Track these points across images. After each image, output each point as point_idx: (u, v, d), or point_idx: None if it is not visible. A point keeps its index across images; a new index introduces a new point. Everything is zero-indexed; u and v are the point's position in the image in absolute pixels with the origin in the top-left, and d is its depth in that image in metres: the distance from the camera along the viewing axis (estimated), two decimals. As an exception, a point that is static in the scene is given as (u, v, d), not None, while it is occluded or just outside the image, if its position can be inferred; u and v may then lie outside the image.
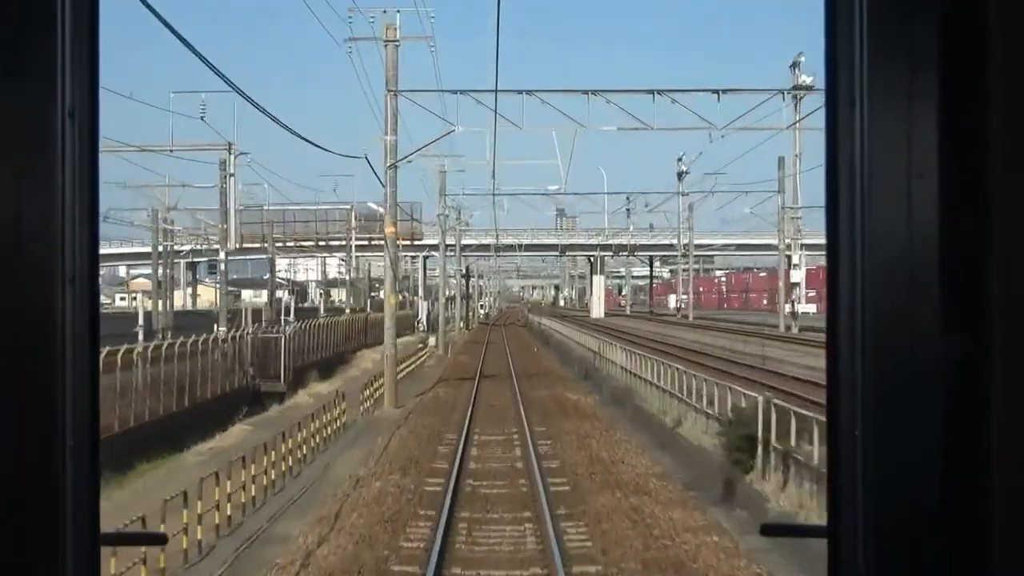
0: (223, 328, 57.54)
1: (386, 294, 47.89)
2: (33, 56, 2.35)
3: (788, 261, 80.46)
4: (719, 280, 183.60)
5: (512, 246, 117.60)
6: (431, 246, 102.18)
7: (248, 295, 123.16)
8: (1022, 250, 2.22)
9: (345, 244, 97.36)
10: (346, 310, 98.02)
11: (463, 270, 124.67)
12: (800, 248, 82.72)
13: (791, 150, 76.61)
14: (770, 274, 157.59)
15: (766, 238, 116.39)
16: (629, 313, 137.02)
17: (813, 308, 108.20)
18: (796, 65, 65.52)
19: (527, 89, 46.37)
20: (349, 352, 77.68)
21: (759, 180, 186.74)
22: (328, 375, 62.86)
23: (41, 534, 2.35)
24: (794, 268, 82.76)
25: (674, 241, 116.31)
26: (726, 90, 47.11)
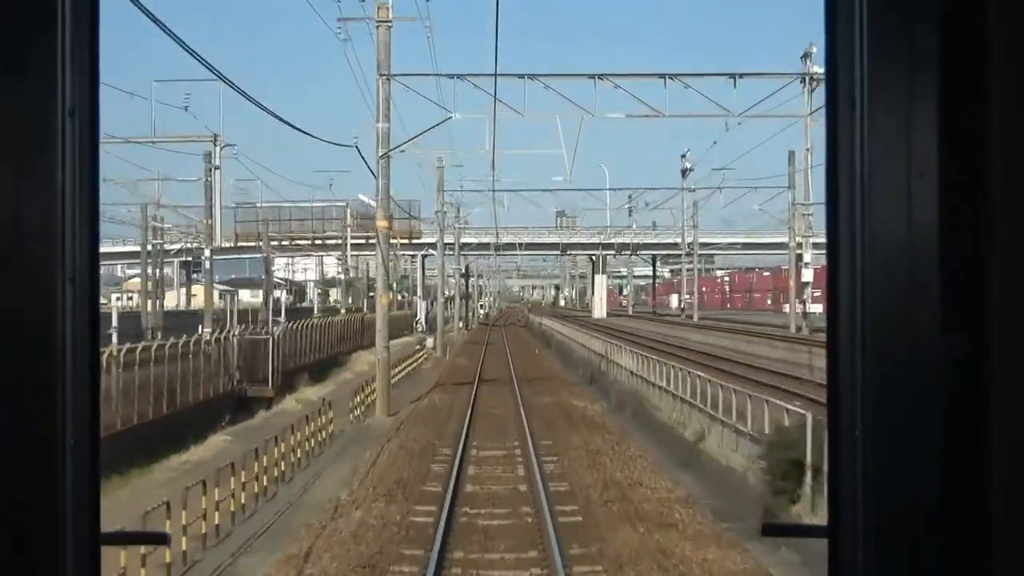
0: (208, 329, 55.80)
1: (378, 294, 44.75)
2: (33, 56, 2.38)
3: (798, 259, 79.18)
4: (721, 280, 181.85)
5: (512, 245, 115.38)
6: (429, 245, 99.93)
7: (246, 295, 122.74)
8: (1022, 250, 2.24)
9: (341, 243, 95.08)
10: (341, 310, 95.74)
11: (462, 269, 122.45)
12: (811, 246, 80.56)
13: (802, 144, 75.03)
14: (774, 273, 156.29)
15: (772, 236, 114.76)
16: (631, 313, 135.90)
17: (819, 308, 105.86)
18: (808, 56, 63.26)
19: (529, 73, 43.11)
20: (344, 354, 75.93)
21: (768, 176, 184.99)
22: (321, 378, 61.04)
23: (41, 533, 2.36)
24: (805, 267, 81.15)
25: (677, 240, 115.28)
26: (743, 74, 43.99)
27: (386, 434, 33.58)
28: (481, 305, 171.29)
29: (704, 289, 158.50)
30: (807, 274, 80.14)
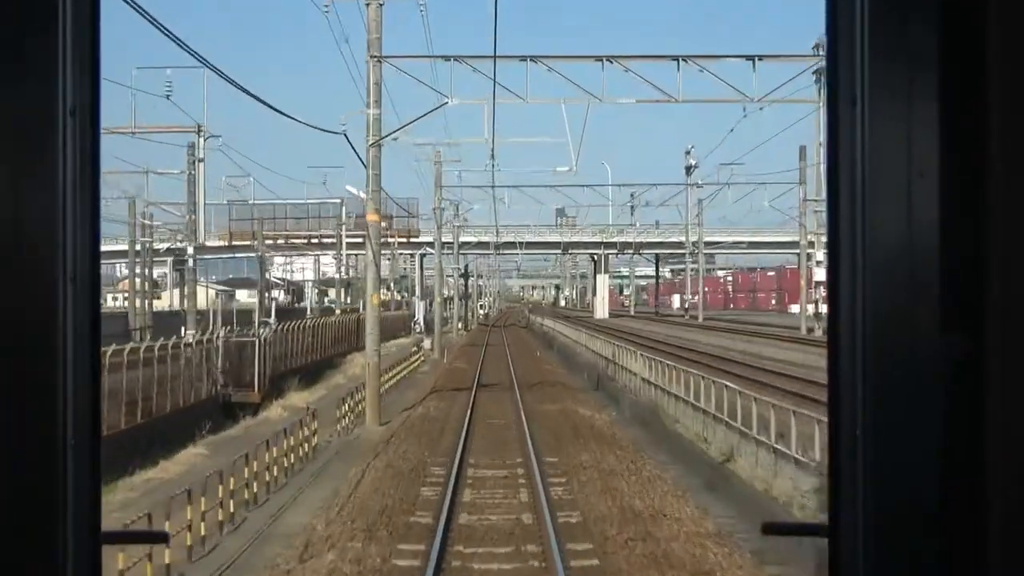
0: (191, 331, 53.15)
1: (368, 293, 41.49)
2: (33, 55, 2.36)
3: (809, 258, 77.46)
4: (724, 280, 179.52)
5: (513, 244, 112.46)
6: (428, 244, 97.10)
7: (243, 295, 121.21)
8: (1022, 250, 2.21)
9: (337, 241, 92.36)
10: (336, 310, 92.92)
11: (461, 268, 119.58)
12: (823, 245, 77.90)
13: (815, 137, 72.94)
14: (779, 273, 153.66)
15: (778, 235, 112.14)
16: (633, 314, 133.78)
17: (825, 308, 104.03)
18: (819, 46, 60.72)
19: (531, 55, 39.81)
20: (338, 356, 73.44)
21: (777, 171, 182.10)
22: (312, 382, 58.60)
23: (42, 532, 2.34)
24: (817, 265, 79.04)
25: (681, 239, 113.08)
26: (762, 56, 40.67)
27: (374, 448, 30.35)
28: (481, 305, 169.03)
29: (706, 289, 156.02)
30: (820, 273, 77.62)
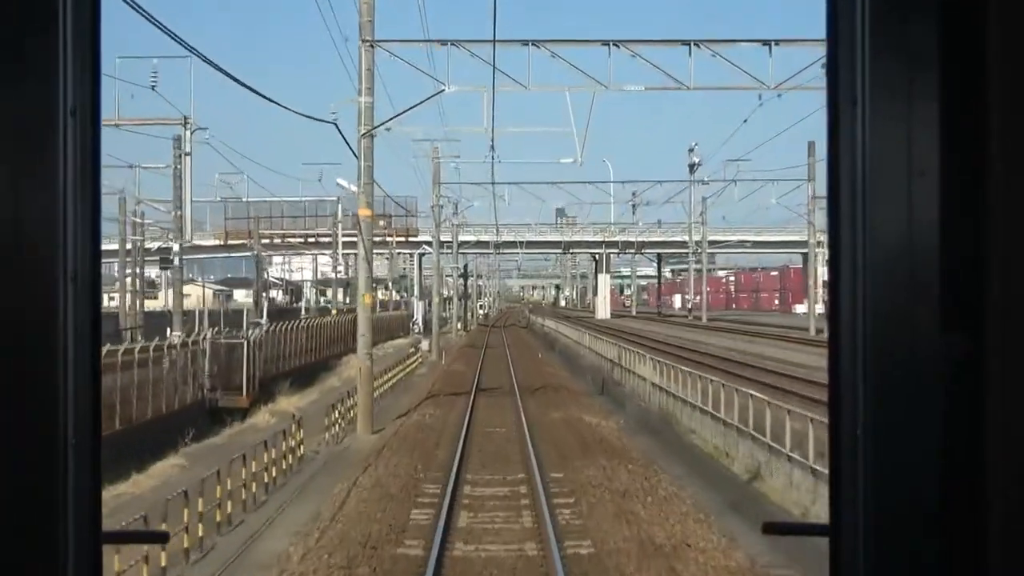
0: (177, 332, 50.78)
1: (359, 293, 39.10)
2: (33, 55, 2.36)
3: (817, 257, 75.72)
4: (726, 279, 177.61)
5: (513, 243, 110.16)
6: (427, 243, 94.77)
7: (241, 295, 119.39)
8: (1022, 250, 2.22)
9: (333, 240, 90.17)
10: (332, 311, 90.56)
11: (460, 268, 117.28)
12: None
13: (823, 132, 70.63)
14: (782, 272, 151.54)
15: (783, 235, 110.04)
16: (635, 314, 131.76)
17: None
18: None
19: (533, 39, 37.36)
20: (333, 358, 71.20)
21: (784, 167, 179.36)
22: (305, 385, 55.75)
23: (42, 532, 2.34)
24: (824, 264, 76.79)
25: (683, 238, 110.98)
26: (779, 41, 38.12)
27: (364, 460, 27.97)
28: (481, 305, 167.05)
29: (708, 289, 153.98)
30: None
